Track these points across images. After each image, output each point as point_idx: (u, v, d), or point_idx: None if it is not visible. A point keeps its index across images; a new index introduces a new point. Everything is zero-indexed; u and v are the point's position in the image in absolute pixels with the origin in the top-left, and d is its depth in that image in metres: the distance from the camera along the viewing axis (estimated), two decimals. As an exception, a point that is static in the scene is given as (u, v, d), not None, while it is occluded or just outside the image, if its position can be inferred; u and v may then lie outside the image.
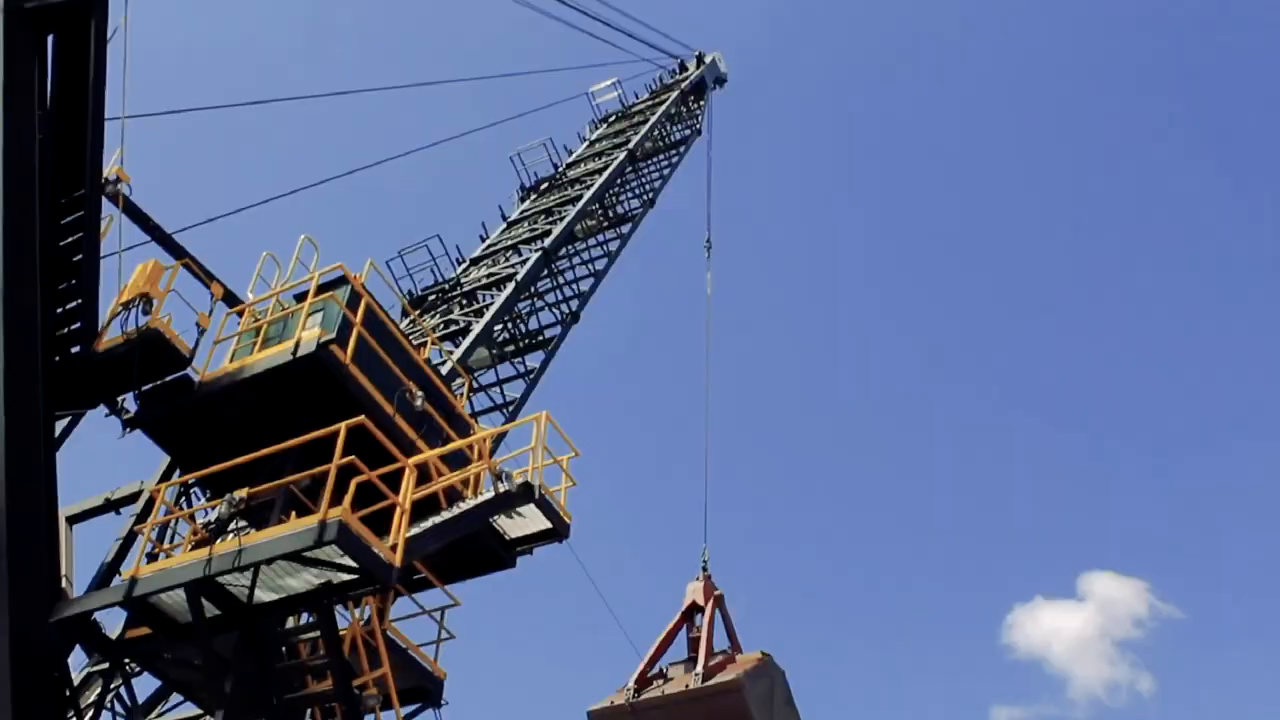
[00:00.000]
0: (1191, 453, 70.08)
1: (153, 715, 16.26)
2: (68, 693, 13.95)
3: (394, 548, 12.37)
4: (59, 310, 14.76)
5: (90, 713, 14.25)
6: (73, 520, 16.72)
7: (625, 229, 27.80)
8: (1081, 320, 72.58)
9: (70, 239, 14.65)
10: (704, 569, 17.52)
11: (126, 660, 14.19)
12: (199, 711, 15.73)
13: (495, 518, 14.31)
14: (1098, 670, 67.23)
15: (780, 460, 71.75)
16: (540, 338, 23.83)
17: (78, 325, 14.93)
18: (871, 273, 75.31)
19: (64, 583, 14.57)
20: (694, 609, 16.86)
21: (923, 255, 75.06)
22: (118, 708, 16.42)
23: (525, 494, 13.99)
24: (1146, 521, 69.95)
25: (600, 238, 27.18)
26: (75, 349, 14.98)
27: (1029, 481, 71.32)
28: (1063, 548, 70.25)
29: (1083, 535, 70.52)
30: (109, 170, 15.03)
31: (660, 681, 15.81)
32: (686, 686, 15.36)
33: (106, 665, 15.07)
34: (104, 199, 14.83)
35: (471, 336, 21.81)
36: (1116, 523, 70.07)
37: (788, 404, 73.39)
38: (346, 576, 12.34)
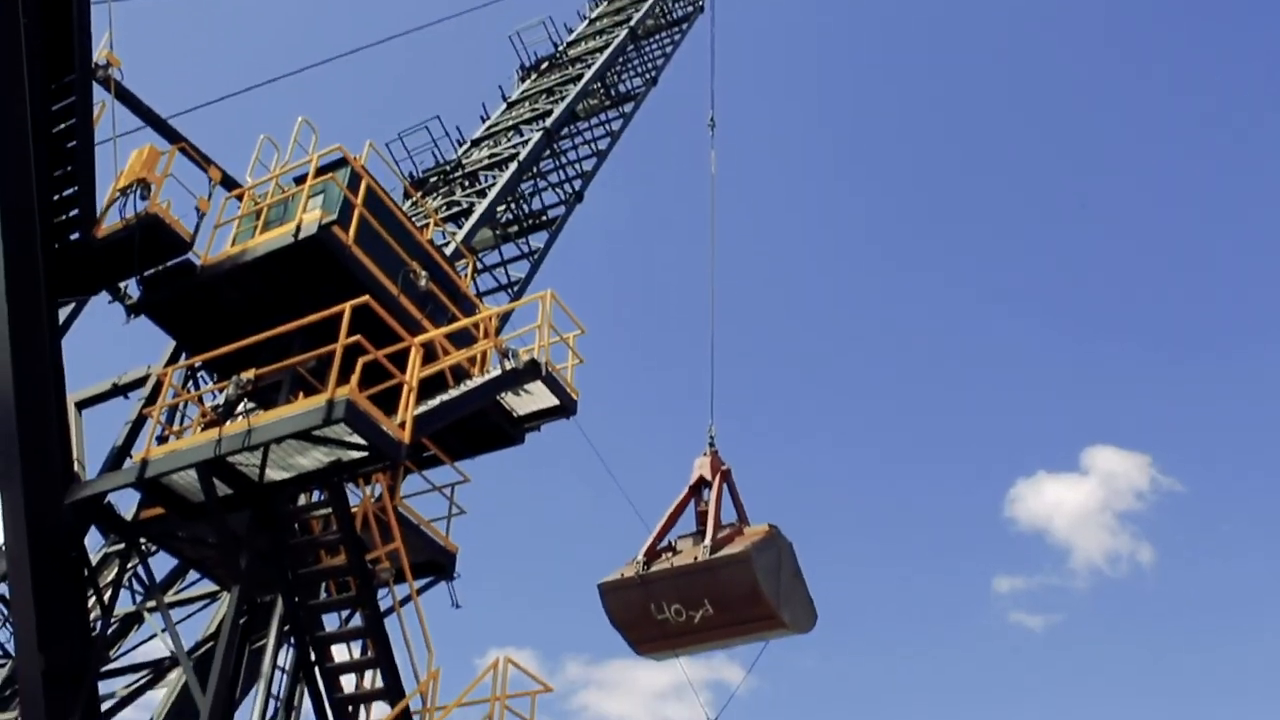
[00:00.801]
0: (1195, 329, 70.05)
1: (170, 592, 16.57)
2: (86, 572, 14.18)
3: (402, 425, 12.42)
4: (55, 197, 14.65)
5: (109, 591, 14.46)
6: (81, 405, 16.83)
7: (628, 108, 27.40)
8: (1086, 196, 71.89)
9: (63, 125, 14.48)
10: (711, 445, 17.59)
11: (142, 540, 14.35)
12: (215, 588, 16.00)
13: (502, 395, 14.34)
14: (1099, 541, 68.15)
15: (784, 339, 71.84)
16: (544, 218, 23.66)
17: (75, 212, 14.82)
18: (875, 150, 74.48)
19: (76, 466, 14.72)
20: (701, 484, 16.98)
21: (929, 131, 74.15)
22: (135, 586, 16.75)
23: (532, 371, 13.99)
24: (1150, 397, 70.23)
25: (602, 117, 26.79)
26: (74, 236, 14.91)
27: (1033, 357, 71.49)
28: (1066, 423, 70.73)
29: (1086, 410, 70.89)
30: (98, 55, 14.78)
31: (669, 554, 15.99)
32: (695, 559, 15.54)
33: (122, 546, 15.28)
34: (95, 84, 14.60)
35: (474, 217, 21.65)
36: (1120, 398, 70.35)
37: (790, 284, 73.22)
38: (356, 454, 12.41)
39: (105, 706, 14.73)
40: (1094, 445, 71.14)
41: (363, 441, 12.13)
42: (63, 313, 15.55)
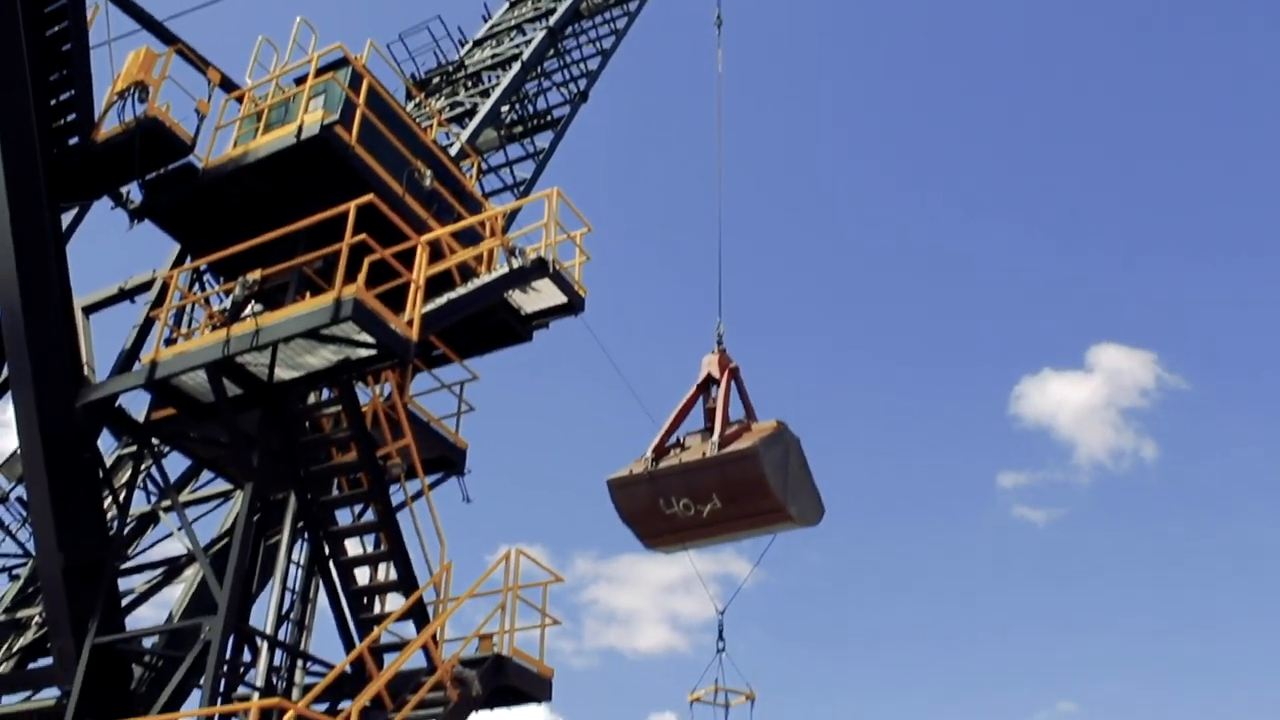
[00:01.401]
0: (1202, 226, 69.55)
1: (185, 492, 16.79)
2: (101, 474, 14.37)
3: (410, 323, 12.46)
4: (53, 102, 14.57)
5: (124, 492, 14.65)
6: (89, 310, 16.90)
7: (633, 5, 26.91)
8: (1090, 93, 70.96)
9: (56, 28, 14.35)
10: (719, 342, 17.60)
11: (154, 441, 14.49)
12: (229, 486, 16.21)
13: (510, 293, 14.34)
14: (1102, 437, 68.45)
15: (790, 244, 71.55)
16: (549, 118, 23.44)
17: (73, 117, 14.75)
18: (883, 50, 73.36)
19: (86, 371, 14.82)
20: (709, 381, 17.02)
21: (938, 41, 72.94)
22: (150, 487, 16.96)
23: (539, 268, 13.99)
24: (1157, 294, 70.03)
25: (607, 14, 26.34)
26: (73, 141, 14.86)
27: (1040, 258, 71.17)
28: (1072, 321, 70.53)
29: (1092, 308, 70.71)
30: (89, -44, 14.59)
31: (677, 451, 16.11)
32: (703, 454, 15.67)
33: (135, 448, 15.44)
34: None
35: (479, 118, 21.47)
36: (1127, 296, 70.16)
37: (798, 187, 72.72)
38: (364, 352, 12.47)
39: (124, 602, 14.98)
40: (1099, 343, 71.08)
41: (371, 340, 12.18)
42: (66, 219, 15.56)
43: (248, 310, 12.81)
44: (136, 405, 14.39)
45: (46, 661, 16.06)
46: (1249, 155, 67.62)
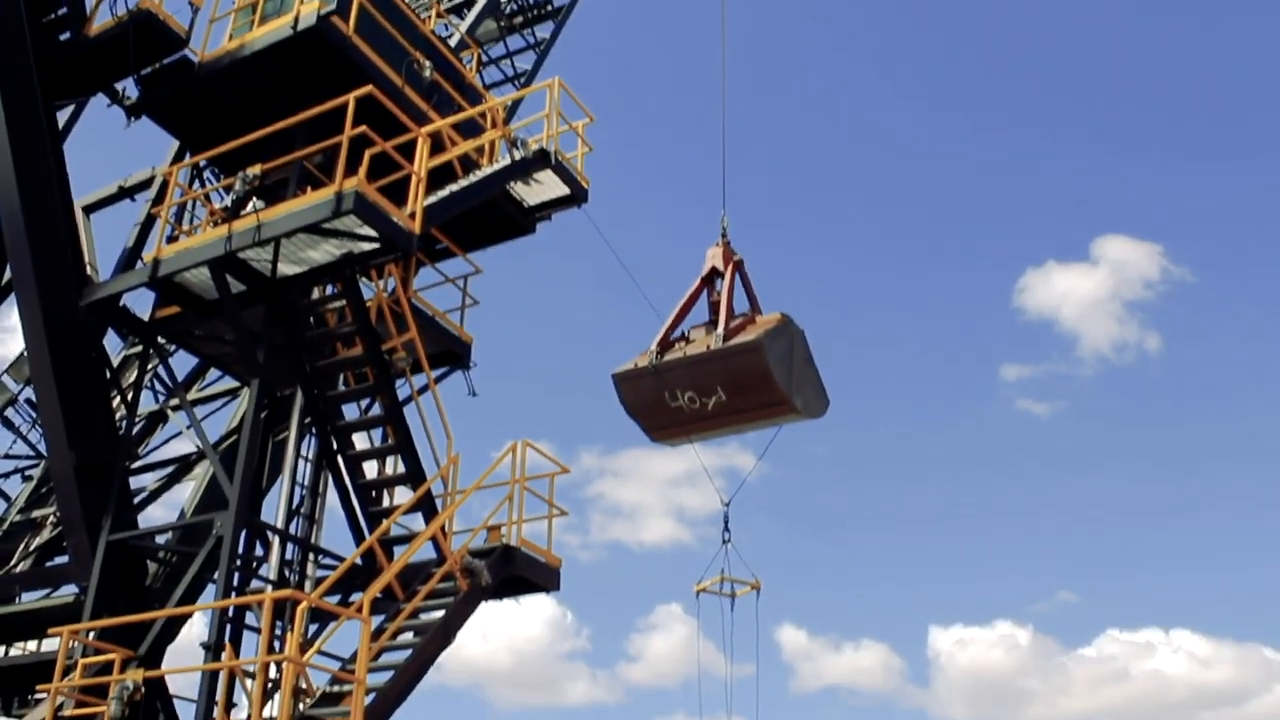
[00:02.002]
0: (1209, 120, 68.63)
1: (192, 390, 16.85)
2: (108, 374, 14.40)
3: (412, 215, 12.36)
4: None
5: (132, 392, 14.69)
6: (89, 210, 16.81)
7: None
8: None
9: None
10: (724, 235, 17.45)
11: (159, 339, 14.49)
12: (236, 384, 16.25)
13: (512, 184, 14.22)
14: (1106, 330, 68.17)
15: (794, 133, 70.76)
16: (549, 7, 22.98)
17: (64, 11, 14.51)
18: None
19: (88, 269, 14.78)
20: (714, 274, 16.90)
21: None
22: (158, 387, 17.02)
23: (541, 159, 13.83)
24: (1163, 187, 69.38)
25: (606, -99, 25.72)
26: (65, 36, 14.61)
27: (1046, 150, 70.39)
28: (1076, 213, 69.95)
29: (1097, 200, 70.10)
30: None
31: (682, 344, 16.08)
32: (708, 347, 15.63)
33: (141, 347, 15.45)
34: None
35: (478, 8, 21.04)
36: (1132, 187, 69.51)
37: (803, 84, 71.74)
38: (367, 246, 12.40)
39: (136, 501, 15.12)
40: (1105, 235, 70.45)
41: (373, 233, 12.10)
42: (62, 118, 15.38)
43: (249, 206, 12.72)
44: (141, 304, 14.37)
45: (63, 559, 16.28)
46: (1258, 50, 66.49)
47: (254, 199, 12.90)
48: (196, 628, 13.58)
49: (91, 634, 12.08)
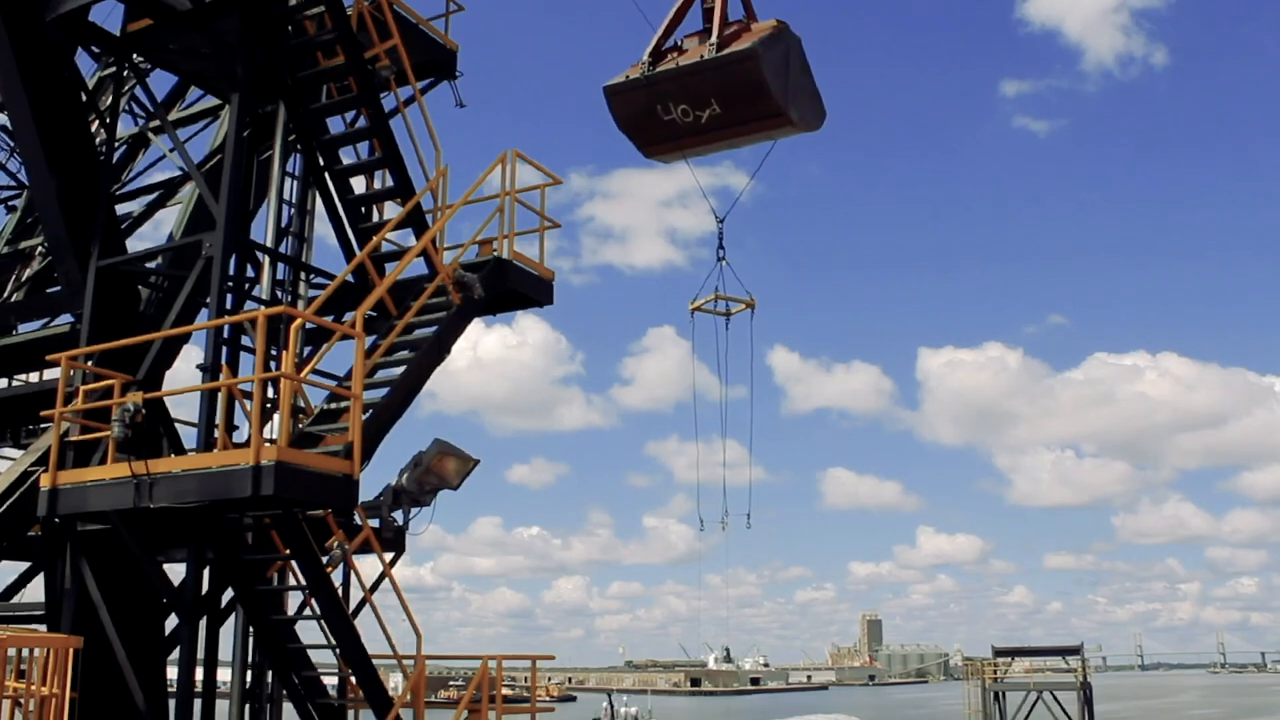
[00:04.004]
0: None
1: (173, 112, 16.35)
2: (84, 96, 13.95)
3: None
4: None
5: (109, 116, 14.27)
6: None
7: None
8: None
9: None
10: (717, -61, 16.60)
11: (134, 56, 13.96)
12: (217, 102, 15.77)
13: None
14: (1111, 42, 66.66)
15: None
16: None
17: None
18: None
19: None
20: (708, -21, 16.17)
21: None
22: (137, 110, 16.55)
23: None
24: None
25: None
26: None
27: None
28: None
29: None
30: None
31: (675, 54, 15.57)
32: (701, 57, 15.15)
33: (115, 69, 14.91)
34: None
35: None
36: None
37: None
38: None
39: (123, 227, 14.95)
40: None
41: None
42: None
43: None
44: (112, 23, 13.79)
45: (56, 291, 16.20)
46: None
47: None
48: (193, 360, 13.60)
49: (90, 360, 12.13)
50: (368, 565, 12.50)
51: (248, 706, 12.47)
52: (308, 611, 11.49)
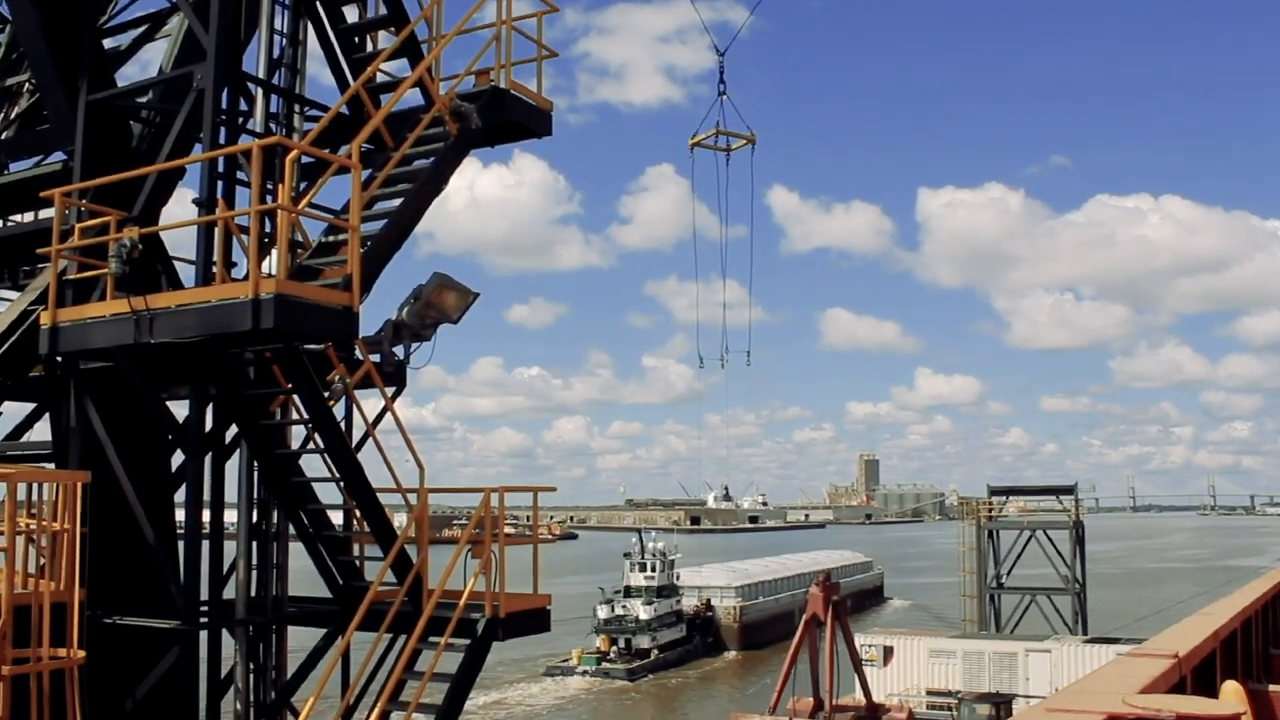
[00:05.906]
0: None
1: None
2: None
3: None
4: None
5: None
6: None
7: None
8: None
9: None
10: None
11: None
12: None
13: None
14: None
15: None
16: None
17: None
18: None
19: None
20: None
21: None
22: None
23: None
24: None
25: None
26: None
27: None
28: None
29: None
30: None
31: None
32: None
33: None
34: None
35: None
36: None
37: None
38: None
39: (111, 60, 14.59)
40: None
41: None
42: None
43: None
44: None
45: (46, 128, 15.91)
46: None
47: None
48: (188, 201, 13.39)
49: (85, 197, 11.97)
50: (369, 404, 12.57)
51: (255, 544, 12.65)
52: (311, 446, 11.59)
